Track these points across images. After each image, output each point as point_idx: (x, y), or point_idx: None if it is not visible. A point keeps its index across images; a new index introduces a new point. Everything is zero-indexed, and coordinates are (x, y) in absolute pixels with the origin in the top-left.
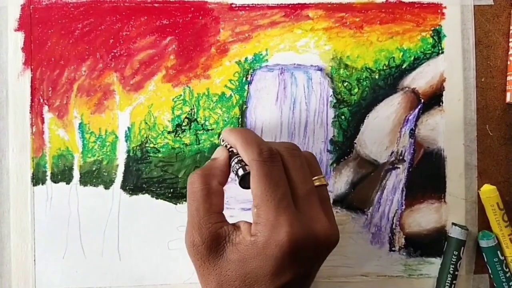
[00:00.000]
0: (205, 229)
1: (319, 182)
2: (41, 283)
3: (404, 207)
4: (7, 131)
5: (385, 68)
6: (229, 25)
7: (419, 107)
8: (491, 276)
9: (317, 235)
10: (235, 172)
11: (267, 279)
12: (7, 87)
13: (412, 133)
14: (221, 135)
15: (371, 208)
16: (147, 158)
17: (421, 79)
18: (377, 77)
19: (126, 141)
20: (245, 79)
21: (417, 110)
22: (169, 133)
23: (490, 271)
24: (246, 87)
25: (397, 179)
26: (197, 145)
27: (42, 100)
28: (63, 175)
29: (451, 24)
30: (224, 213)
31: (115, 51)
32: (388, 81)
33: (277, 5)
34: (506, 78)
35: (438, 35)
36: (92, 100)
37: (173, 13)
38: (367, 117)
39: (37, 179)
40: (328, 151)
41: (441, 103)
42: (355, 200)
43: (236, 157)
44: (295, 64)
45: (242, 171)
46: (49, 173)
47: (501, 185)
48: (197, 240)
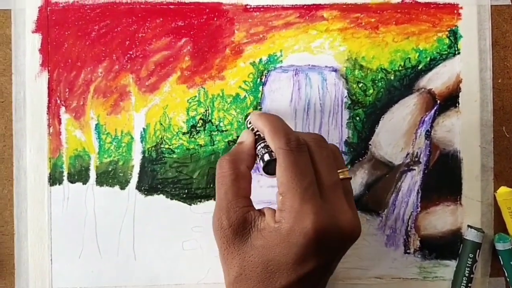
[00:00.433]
0: (232, 213)
1: (343, 175)
2: (58, 282)
3: (419, 209)
4: (25, 132)
5: (400, 69)
6: (243, 26)
7: (435, 108)
8: (507, 279)
9: (341, 226)
10: (260, 156)
11: (289, 267)
12: (24, 88)
13: (428, 135)
14: (249, 117)
15: (386, 210)
16: (162, 159)
17: (437, 80)
18: (392, 78)
19: (141, 142)
20: (259, 80)
21: (433, 111)
22: (184, 134)
23: (506, 274)
24: (260, 88)
25: (413, 181)
26: (211, 146)
27: (59, 101)
28: (79, 176)
29: (467, 24)
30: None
31: (131, 52)
32: (403, 82)
33: (292, 6)
34: None
35: (454, 35)
36: (108, 101)
37: (188, 14)
38: (382, 118)
39: (54, 179)
40: (342, 152)
41: (457, 104)
42: (370, 201)
43: (262, 141)
44: (309, 65)
45: (268, 157)
46: (66, 174)
47: None
48: (224, 223)
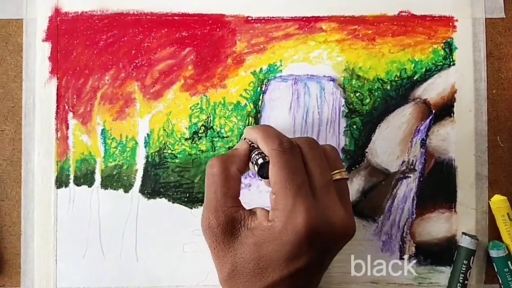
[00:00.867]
0: (221, 212)
1: (339, 175)
2: (62, 281)
3: (414, 216)
4: (34, 136)
5: (396, 79)
6: (245, 37)
7: (430, 117)
8: (502, 286)
9: (333, 224)
10: (254, 162)
11: (281, 263)
12: (34, 94)
13: (423, 143)
14: (244, 133)
15: (382, 216)
16: (165, 163)
17: (432, 90)
18: (388, 88)
19: (145, 147)
20: (259, 88)
21: (428, 120)
22: (186, 140)
23: (500, 281)
24: (260, 97)
25: (408, 188)
26: (212, 151)
27: (67, 107)
28: (85, 179)
29: (462, 36)
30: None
31: (137, 61)
32: (399, 92)
33: (292, 18)
34: None
35: (449, 47)
36: (114, 107)
37: (192, 25)
38: (378, 127)
39: (61, 182)
40: None
41: (452, 114)
42: (366, 208)
43: (256, 150)
44: (308, 74)
45: (261, 160)
46: (72, 177)
47: None
48: (213, 222)
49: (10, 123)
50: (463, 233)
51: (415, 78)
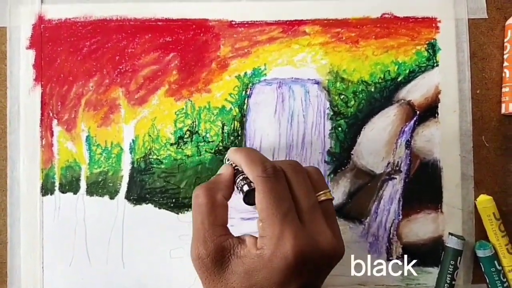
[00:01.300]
0: (210, 242)
1: (324, 196)
2: None
3: (401, 217)
4: (18, 143)
5: (380, 81)
6: (229, 41)
7: (415, 118)
8: (489, 286)
9: (322, 248)
10: (239, 188)
11: None
12: (18, 102)
13: (408, 144)
14: (227, 154)
15: (368, 218)
16: (151, 169)
17: (416, 92)
18: (373, 89)
19: (130, 153)
20: (244, 92)
21: (412, 121)
22: (171, 145)
23: (487, 281)
24: (245, 101)
25: (394, 189)
26: (198, 156)
27: (51, 114)
28: (70, 186)
29: (445, 37)
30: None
31: (121, 67)
32: (383, 94)
33: (275, 21)
34: (501, 89)
35: (433, 48)
36: (98, 114)
37: (176, 30)
38: (363, 129)
39: (46, 189)
40: (325, 162)
41: (436, 115)
42: (352, 210)
43: (240, 174)
44: (292, 78)
45: (247, 187)
46: (57, 184)
47: (498, 195)
48: (202, 253)
49: None
50: (450, 234)
51: (399, 79)
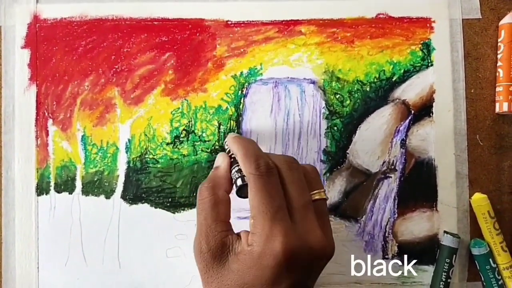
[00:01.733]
0: (211, 237)
1: (318, 196)
2: None
3: (396, 215)
4: (13, 143)
5: (376, 80)
6: (225, 41)
7: (410, 118)
8: (484, 283)
9: (311, 246)
10: (234, 180)
11: None
12: (13, 101)
13: (403, 143)
14: (226, 139)
15: (364, 216)
16: (147, 168)
17: (411, 91)
18: (368, 89)
19: (126, 152)
20: (240, 92)
21: (407, 121)
22: (167, 144)
23: (482, 279)
24: (241, 100)
25: (389, 188)
26: (194, 156)
27: (46, 113)
28: (66, 186)
29: (440, 37)
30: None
31: (117, 66)
32: (379, 93)
33: (271, 21)
34: (495, 89)
35: (427, 48)
36: (94, 113)
37: (172, 30)
38: (359, 128)
39: (41, 189)
40: (321, 161)
41: (431, 114)
42: (348, 208)
43: (236, 165)
44: (288, 77)
45: (240, 182)
46: (52, 184)
47: (492, 194)
48: (204, 247)
49: None
50: (445, 232)
51: (394, 79)
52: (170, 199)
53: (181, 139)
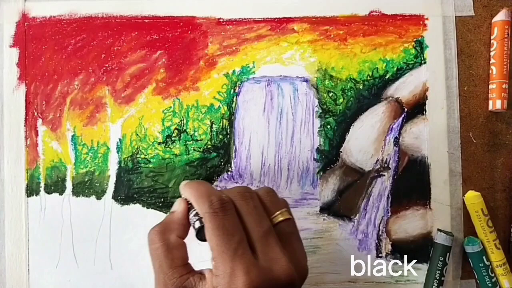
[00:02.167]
0: (170, 285)
1: (282, 216)
2: None
3: (390, 213)
4: (2, 143)
5: (369, 78)
6: (217, 39)
7: (403, 116)
8: (478, 281)
9: (277, 277)
10: (192, 223)
11: None
12: (2, 101)
13: (396, 141)
14: (180, 188)
15: (358, 215)
16: (138, 168)
17: (404, 89)
18: (361, 87)
19: (117, 152)
20: (233, 90)
21: (400, 119)
22: (159, 144)
23: (476, 277)
24: (234, 99)
25: (383, 186)
26: (186, 155)
27: (36, 113)
28: (56, 186)
29: (433, 35)
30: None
31: (107, 65)
32: (372, 91)
33: (263, 19)
34: (488, 86)
35: (420, 46)
36: (84, 113)
37: (163, 28)
38: (352, 126)
39: (31, 190)
40: (314, 159)
41: (424, 112)
42: (341, 207)
43: (193, 210)
44: (281, 76)
45: (198, 224)
46: (42, 184)
47: (485, 191)
48: None
49: None
50: (439, 230)
51: (387, 77)
52: (162, 199)
53: (173, 139)
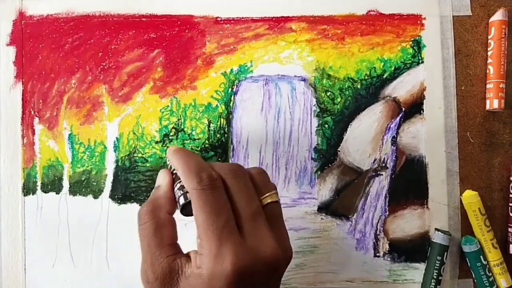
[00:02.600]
0: (157, 265)
1: (270, 199)
2: None
3: (387, 213)
4: None
5: (366, 78)
6: (214, 37)
7: (400, 115)
8: (475, 280)
9: (263, 258)
10: (177, 199)
11: None
12: None
13: (394, 141)
14: (167, 153)
15: (355, 214)
16: (136, 167)
17: (401, 88)
18: (359, 86)
19: (114, 151)
20: (230, 89)
21: (398, 118)
22: (156, 143)
23: (474, 276)
24: (232, 98)
25: (380, 185)
26: None
27: (33, 112)
28: (53, 185)
29: (430, 34)
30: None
31: (104, 64)
32: (369, 91)
33: (261, 18)
34: (485, 86)
35: (418, 45)
36: (81, 111)
37: (160, 26)
38: (350, 126)
39: (28, 189)
40: (312, 159)
41: (422, 111)
42: (339, 207)
43: (178, 181)
44: (279, 75)
45: (183, 200)
46: (39, 183)
47: (483, 191)
48: (150, 276)
49: None
50: (436, 229)
51: (384, 76)
52: None
53: (170, 138)
